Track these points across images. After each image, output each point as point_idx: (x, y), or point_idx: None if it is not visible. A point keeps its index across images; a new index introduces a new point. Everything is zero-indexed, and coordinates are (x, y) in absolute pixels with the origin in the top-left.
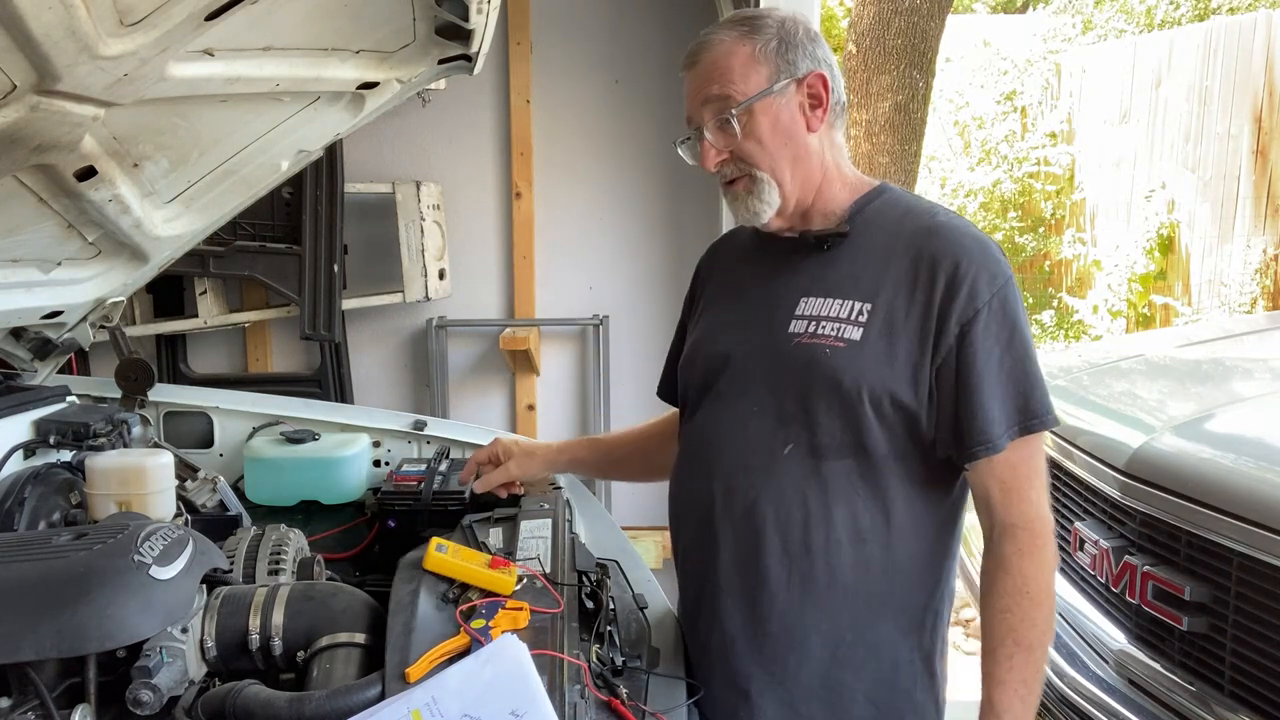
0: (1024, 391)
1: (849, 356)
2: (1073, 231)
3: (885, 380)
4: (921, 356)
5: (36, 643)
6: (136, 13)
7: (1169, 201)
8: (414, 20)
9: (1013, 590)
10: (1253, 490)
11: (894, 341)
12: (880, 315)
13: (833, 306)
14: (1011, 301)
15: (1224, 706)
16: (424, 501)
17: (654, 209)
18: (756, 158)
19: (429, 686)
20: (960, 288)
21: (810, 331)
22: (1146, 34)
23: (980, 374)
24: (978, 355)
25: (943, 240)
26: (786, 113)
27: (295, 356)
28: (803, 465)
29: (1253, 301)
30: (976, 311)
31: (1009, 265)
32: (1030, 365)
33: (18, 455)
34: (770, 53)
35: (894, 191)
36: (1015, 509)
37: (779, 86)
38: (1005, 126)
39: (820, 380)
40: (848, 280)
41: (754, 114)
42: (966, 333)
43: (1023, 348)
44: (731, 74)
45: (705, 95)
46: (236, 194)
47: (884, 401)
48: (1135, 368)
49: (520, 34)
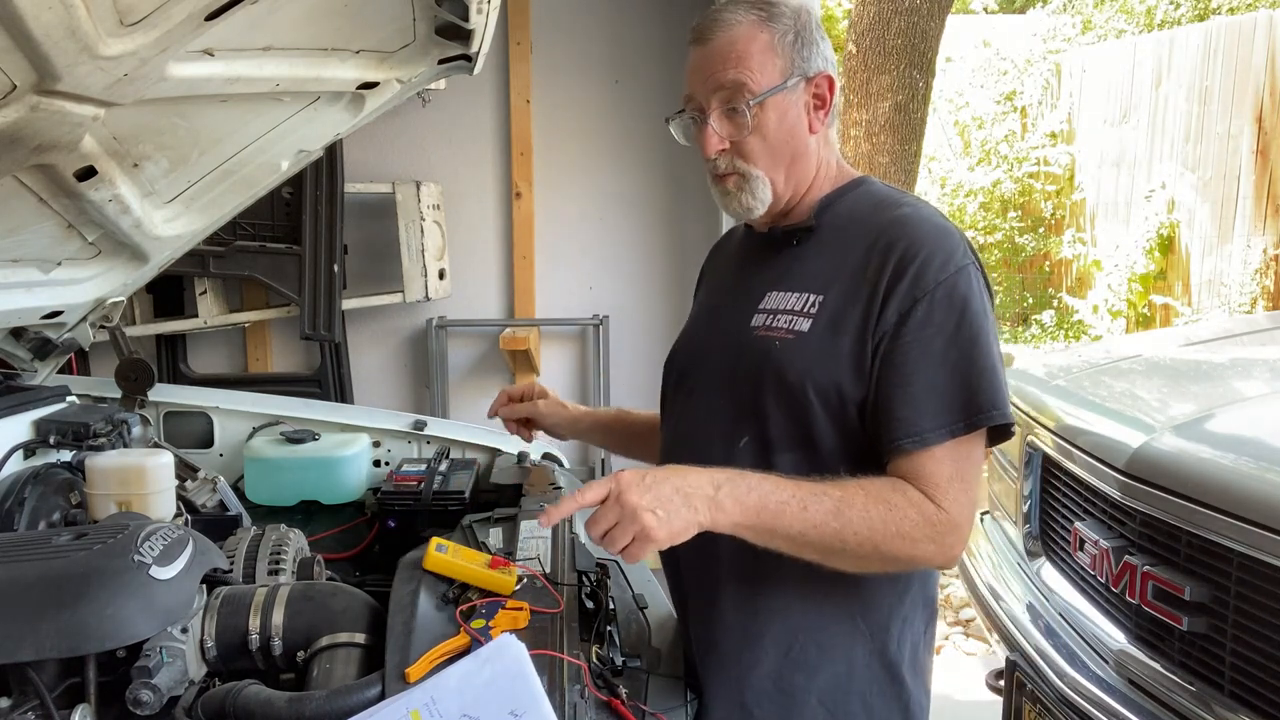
0: (970, 384)
1: (795, 349)
2: (1073, 231)
3: (830, 372)
4: (863, 346)
5: (36, 643)
6: (136, 13)
7: (1169, 201)
8: (414, 20)
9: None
10: (1253, 490)
11: (838, 332)
12: (830, 306)
13: (790, 300)
14: (963, 289)
15: (1224, 706)
16: (424, 501)
17: (654, 209)
18: (757, 155)
19: (428, 687)
20: (905, 273)
21: (767, 325)
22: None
23: (914, 362)
24: (914, 343)
25: (899, 228)
26: (794, 111)
27: (295, 356)
28: (756, 458)
29: (1253, 301)
30: (917, 299)
31: (971, 254)
32: (981, 357)
33: (18, 455)
34: (787, 46)
35: (871, 185)
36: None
37: (791, 83)
38: (1005, 126)
39: (769, 373)
40: (808, 274)
41: (765, 109)
42: (906, 319)
43: (971, 337)
44: (749, 61)
45: (718, 79)
46: (236, 194)
47: (830, 394)
48: (1135, 368)
49: (520, 34)
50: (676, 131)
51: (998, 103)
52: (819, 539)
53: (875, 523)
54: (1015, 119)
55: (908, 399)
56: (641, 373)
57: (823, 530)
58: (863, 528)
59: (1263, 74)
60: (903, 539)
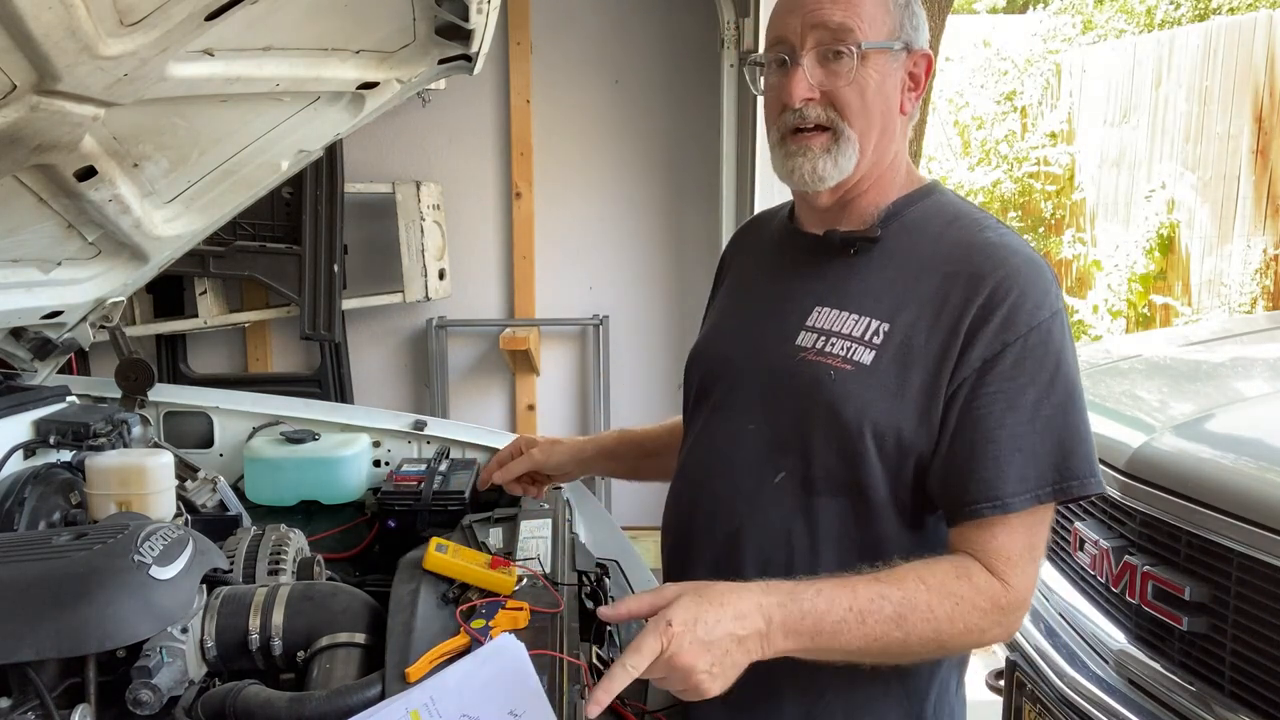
0: (1063, 445)
1: (855, 382)
2: (1073, 231)
3: (892, 414)
4: (936, 389)
5: (36, 643)
6: (136, 13)
7: (1169, 201)
8: (414, 20)
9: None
10: (1253, 490)
11: (908, 370)
12: (898, 338)
13: (847, 321)
14: (1057, 338)
15: (1224, 706)
16: (424, 501)
17: (654, 209)
18: (854, 109)
19: (427, 687)
20: (994, 314)
21: (818, 347)
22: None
23: (999, 416)
24: (1000, 394)
25: (985, 257)
26: (894, 79)
27: (295, 356)
28: (793, 498)
29: (1253, 301)
30: (1006, 344)
31: (1060, 296)
32: (1075, 416)
33: (18, 455)
34: (899, 7)
35: (943, 195)
36: (1000, 565)
37: (897, 47)
38: (1005, 126)
39: (820, 406)
40: (870, 293)
41: (869, 61)
42: (991, 367)
43: (1066, 393)
44: (863, 7)
45: (820, 17)
46: (236, 194)
47: (888, 439)
48: (1135, 368)
49: (520, 34)
50: (751, 78)
51: (998, 103)
52: (880, 650)
53: (941, 623)
54: (1015, 119)
55: (991, 458)
56: (642, 373)
57: (885, 641)
58: (927, 631)
59: (1263, 74)
60: (969, 633)
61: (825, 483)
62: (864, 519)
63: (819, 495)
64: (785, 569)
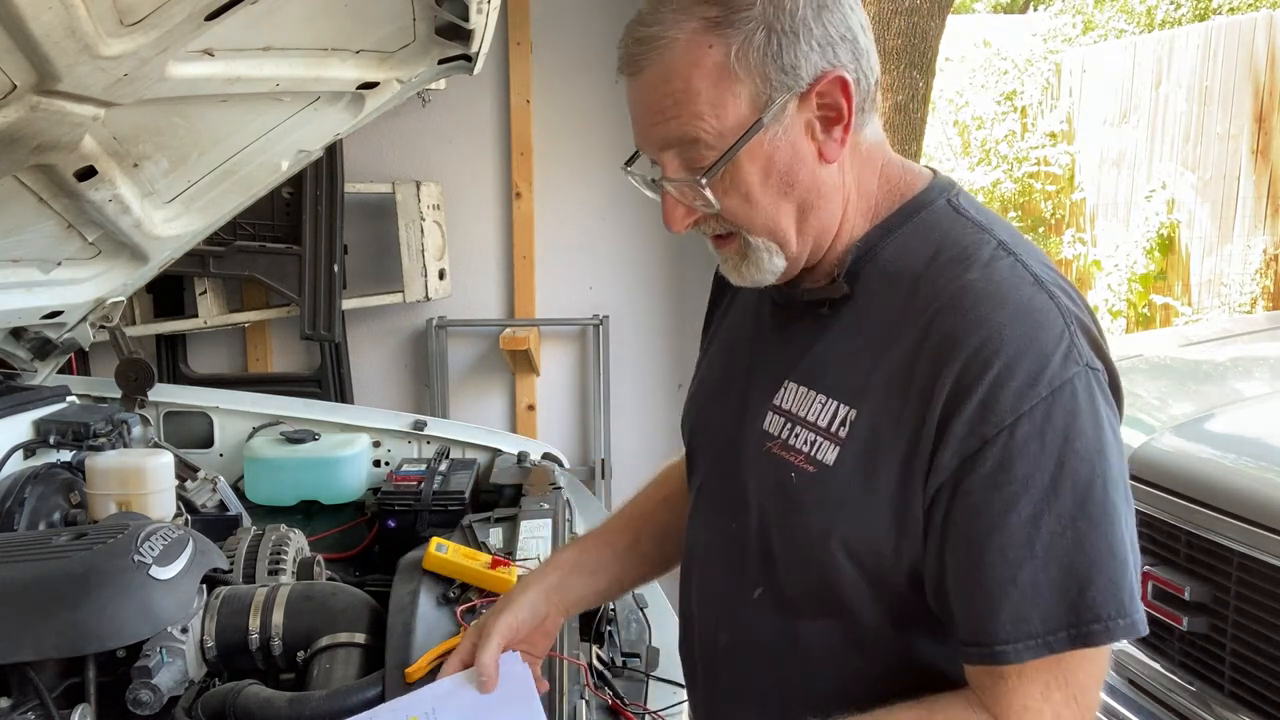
0: (1078, 576)
1: (818, 488)
2: (1073, 231)
3: (860, 526)
4: (909, 497)
5: (36, 643)
6: (136, 13)
7: (1169, 201)
8: (414, 20)
9: None
10: (1253, 490)
11: (875, 472)
12: (864, 428)
13: (813, 405)
14: (1061, 424)
15: (1224, 706)
16: (424, 501)
17: (654, 209)
18: (746, 219)
19: (426, 697)
20: (969, 397)
21: (783, 438)
22: (1146, 34)
23: (983, 541)
24: (982, 511)
25: (962, 314)
26: (785, 147)
27: (295, 356)
28: (774, 619)
29: (1253, 301)
30: (986, 440)
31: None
32: (1093, 533)
33: (18, 455)
34: (755, 58)
35: (933, 210)
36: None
37: (772, 114)
38: (1005, 126)
39: (782, 516)
40: (838, 366)
41: (738, 164)
42: (969, 471)
43: (1080, 502)
44: (696, 103)
45: (662, 135)
46: (236, 194)
47: (865, 556)
48: (1135, 368)
49: (520, 34)
50: (639, 186)
51: (998, 103)
52: None
53: None
54: (1015, 119)
55: (980, 589)
56: (642, 373)
57: None
58: None
59: (1263, 74)
60: None
61: (803, 603)
62: (858, 644)
63: (801, 619)
64: (779, 693)
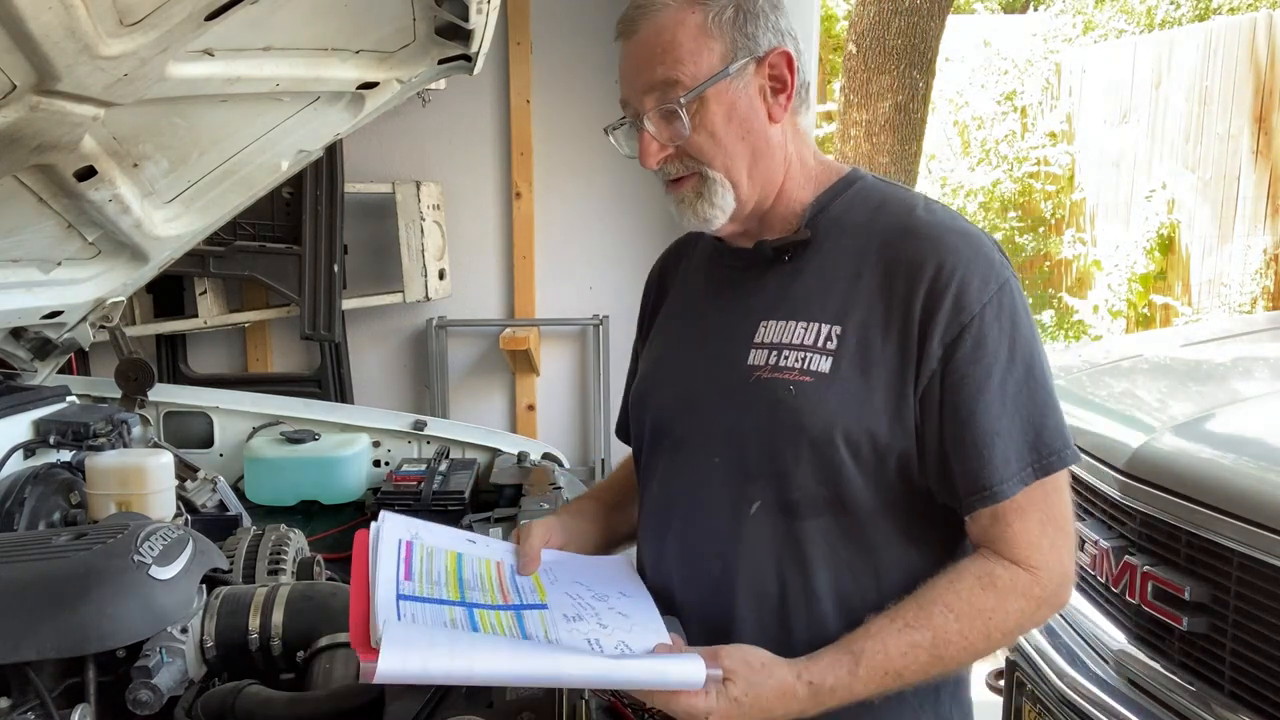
0: (1034, 422)
1: (817, 392)
2: (1073, 231)
3: (862, 419)
4: (904, 386)
5: (36, 643)
6: (136, 13)
7: (1169, 201)
8: (414, 20)
9: (974, 607)
10: (1253, 490)
11: (870, 371)
12: (852, 339)
13: (796, 331)
14: (1009, 310)
15: (1224, 706)
16: (424, 501)
17: (654, 209)
18: (708, 153)
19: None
20: (943, 299)
21: (771, 363)
22: (1146, 34)
23: (969, 405)
24: (965, 381)
25: (921, 240)
26: (745, 99)
27: (295, 356)
28: (773, 527)
29: (1253, 301)
30: (964, 326)
31: (1006, 264)
32: (1039, 389)
33: (18, 455)
34: (726, 24)
35: (866, 181)
36: (1022, 553)
37: (736, 68)
38: (1005, 126)
39: (785, 424)
40: (814, 297)
41: (706, 102)
42: (953, 354)
43: (1027, 366)
44: (679, 51)
45: (647, 79)
46: (236, 194)
47: (862, 445)
48: (1135, 368)
49: (520, 34)
50: (618, 144)
51: (998, 103)
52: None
53: (978, 641)
54: (1015, 119)
55: (972, 446)
56: None
57: (926, 677)
58: (967, 656)
59: (1263, 74)
60: (1011, 633)
61: (805, 505)
62: (853, 536)
63: (801, 519)
64: (778, 599)
